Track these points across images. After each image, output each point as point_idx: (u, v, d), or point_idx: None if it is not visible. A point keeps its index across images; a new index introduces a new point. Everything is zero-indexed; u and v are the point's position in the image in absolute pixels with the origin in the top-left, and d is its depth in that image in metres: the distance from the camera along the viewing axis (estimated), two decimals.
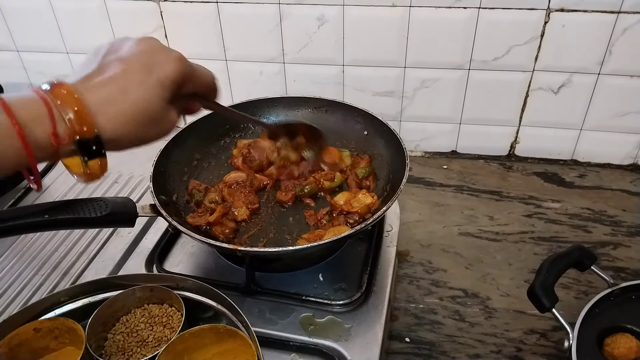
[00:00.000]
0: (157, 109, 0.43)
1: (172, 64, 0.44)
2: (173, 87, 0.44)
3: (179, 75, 0.44)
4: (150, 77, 0.42)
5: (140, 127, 0.43)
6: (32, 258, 0.75)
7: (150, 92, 0.42)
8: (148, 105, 0.42)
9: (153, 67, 0.43)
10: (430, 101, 1.02)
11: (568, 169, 1.03)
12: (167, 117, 0.45)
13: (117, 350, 0.57)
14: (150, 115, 0.43)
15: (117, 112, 0.41)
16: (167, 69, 0.44)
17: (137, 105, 0.42)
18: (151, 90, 0.42)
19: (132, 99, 0.41)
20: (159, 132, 0.45)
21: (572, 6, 0.86)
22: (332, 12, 0.94)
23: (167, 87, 0.44)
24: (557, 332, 0.71)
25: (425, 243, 0.87)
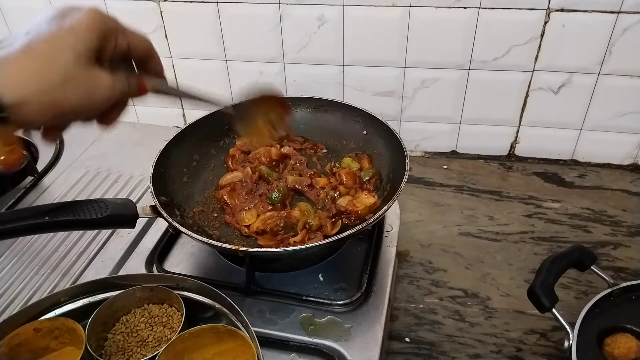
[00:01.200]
0: (70, 63, 0.37)
1: (86, 11, 0.39)
2: (89, 36, 0.38)
3: (95, 21, 0.39)
4: (59, 29, 0.37)
5: (50, 87, 0.36)
6: (32, 258, 0.75)
7: (58, 44, 0.37)
8: (56, 60, 0.36)
9: (64, 18, 0.38)
10: (430, 101, 1.02)
11: (568, 169, 1.03)
12: (92, 77, 0.39)
13: (117, 350, 0.57)
14: (60, 71, 0.36)
15: (17, 70, 0.35)
16: (80, 16, 0.38)
17: (40, 60, 0.36)
18: (59, 41, 0.37)
19: (36, 53, 0.36)
20: (80, 94, 0.38)
21: (572, 6, 0.86)
22: (332, 12, 0.94)
23: (82, 37, 0.38)
24: (557, 332, 0.71)
25: (425, 243, 0.87)
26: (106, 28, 0.40)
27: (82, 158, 0.98)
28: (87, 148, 1.01)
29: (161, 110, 1.14)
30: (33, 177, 0.92)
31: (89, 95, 0.39)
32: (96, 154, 0.99)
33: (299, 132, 0.86)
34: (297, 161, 0.80)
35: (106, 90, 0.40)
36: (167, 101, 0.58)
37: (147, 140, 1.02)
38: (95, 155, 0.99)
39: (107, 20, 0.40)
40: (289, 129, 0.74)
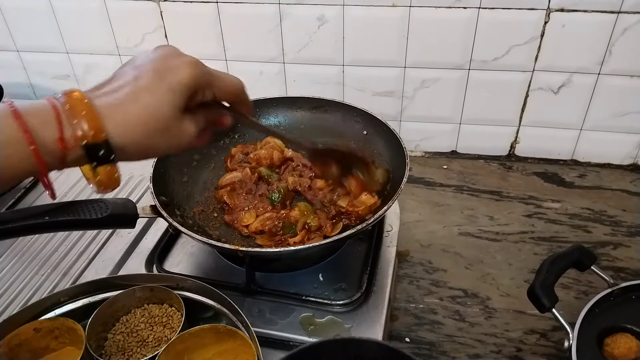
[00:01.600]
0: (168, 115, 0.42)
1: (184, 68, 0.43)
2: (185, 92, 0.43)
3: (191, 79, 0.43)
4: (161, 83, 0.41)
5: (150, 134, 0.41)
6: (32, 258, 0.76)
7: (160, 98, 0.41)
8: (157, 112, 0.41)
9: (165, 72, 0.42)
10: (430, 101, 1.02)
11: (568, 169, 1.03)
12: (180, 126, 0.43)
13: (117, 350, 0.57)
14: (159, 122, 0.41)
15: (125, 118, 0.40)
16: (179, 73, 0.42)
17: (146, 111, 0.40)
18: (161, 95, 0.41)
19: (141, 104, 0.40)
20: (171, 142, 0.44)
21: (572, 6, 0.87)
22: (332, 12, 0.94)
23: (178, 92, 0.42)
24: (557, 332, 0.71)
25: (425, 243, 0.87)
26: (199, 84, 0.44)
27: None
28: None
29: None
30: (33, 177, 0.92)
31: (177, 142, 0.44)
32: None
33: (299, 132, 0.86)
34: (300, 163, 0.80)
35: (191, 137, 0.45)
36: None
37: None
38: None
39: (200, 76, 0.44)
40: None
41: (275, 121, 0.87)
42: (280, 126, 0.87)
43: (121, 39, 1.06)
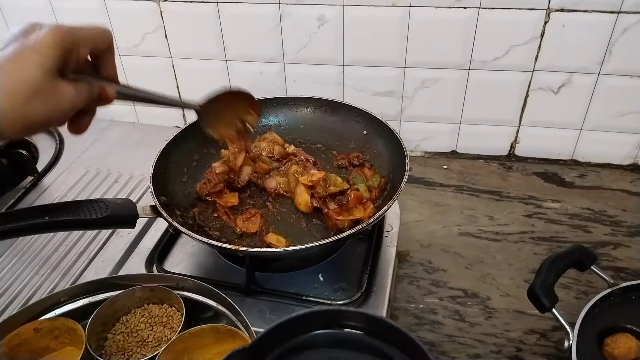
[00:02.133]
0: (36, 77, 0.40)
1: (46, 30, 0.41)
2: (52, 52, 0.41)
3: (55, 37, 0.41)
4: (24, 48, 0.40)
5: (20, 100, 0.39)
6: (32, 258, 0.75)
7: (25, 62, 0.40)
8: (25, 75, 0.39)
9: (27, 39, 0.41)
10: (430, 101, 1.02)
11: (568, 169, 1.03)
12: (55, 89, 0.41)
13: (117, 350, 0.57)
14: (28, 85, 0.39)
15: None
16: (41, 36, 0.41)
17: (11, 77, 0.39)
18: (26, 59, 0.40)
19: (6, 72, 0.39)
20: (48, 106, 0.41)
21: (572, 6, 0.86)
22: (332, 12, 0.94)
23: (44, 54, 0.40)
24: (557, 332, 0.71)
25: (425, 243, 0.87)
26: (68, 43, 0.42)
27: (82, 158, 0.98)
28: (87, 148, 1.01)
29: (161, 110, 1.14)
30: (33, 177, 0.92)
31: (54, 108, 0.42)
32: (96, 154, 0.99)
33: (299, 132, 0.86)
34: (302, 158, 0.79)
35: (70, 101, 0.43)
36: None
37: (147, 140, 1.02)
38: (95, 155, 0.99)
39: (69, 35, 0.42)
40: (253, 128, 0.73)
41: (275, 121, 0.87)
42: (280, 126, 0.87)
43: (121, 39, 1.06)
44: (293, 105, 0.86)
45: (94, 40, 0.46)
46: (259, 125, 0.86)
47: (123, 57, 1.08)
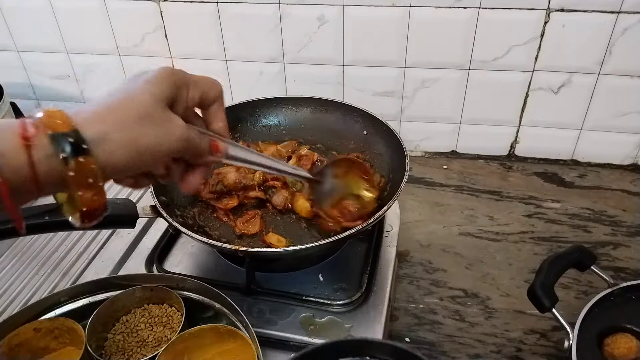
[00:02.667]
0: (149, 103, 0.39)
1: (158, 68, 0.43)
2: (164, 85, 0.41)
3: (166, 74, 0.42)
4: (136, 80, 0.41)
5: (131, 122, 0.38)
6: (32, 258, 0.75)
7: (136, 92, 0.40)
8: (136, 99, 0.39)
9: (139, 76, 0.42)
10: (430, 101, 1.02)
11: (568, 169, 1.03)
12: (168, 117, 0.41)
13: (117, 350, 0.57)
14: (141, 110, 0.39)
15: (97, 110, 0.37)
16: (153, 71, 0.42)
17: (121, 101, 0.38)
18: (137, 90, 0.40)
19: (117, 97, 0.39)
20: (159, 133, 0.40)
21: (572, 6, 0.86)
22: (332, 12, 0.94)
23: (156, 85, 0.41)
24: (557, 332, 0.71)
25: (425, 243, 0.87)
26: (177, 79, 0.43)
27: None
28: None
29: None
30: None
31: (165, 133, 0.40)
32: None
33: (299, 132, 0.86)
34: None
35: (182, 131, 0.41)
36: None
37: None
38: None
39: (180, 73, 0.43)
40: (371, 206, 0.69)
41: (275, 121, 0.87)
42: (280, 126, 0.87)
43: (121, 39, 1.06)
44: (293, 105, 0.86)
45: (203, 86, 0.46)
46: (259, 126, 0.86)
47: (123, 57, 1.08)
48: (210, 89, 0.47)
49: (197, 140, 0.44)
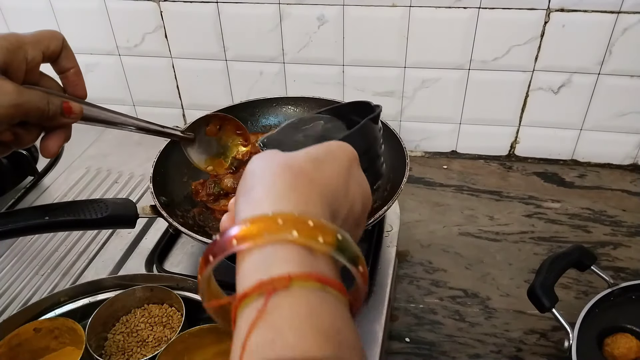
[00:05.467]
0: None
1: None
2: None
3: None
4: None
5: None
6: (32, 258, 0.75)
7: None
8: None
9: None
10: (430, 101, 1.02)
11: (568, 169, 1.03)
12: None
13: (117, 350, 0.57)
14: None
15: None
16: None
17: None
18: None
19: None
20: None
21: (572, 6, 0.86)
22: (332, 12, 0.94)
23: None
24: (557, 332, 0.71)
25: (425, 243, 0.87)
26: (8, 44, 0.41)
27: (82, 158, 0.98)
28: (87, 148, 1.01)
29: (161, 110, 1.14)
30: (33, 177, 0.92)
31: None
32: (96, 154, 0.99)
33: None
34: None
35: (11, 98, 0.40)
36: None
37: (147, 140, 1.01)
38: (95, 155, 0.99)
39: (8, 37, 0.41)
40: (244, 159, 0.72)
41: (275, 121, 0.87)
42: None
43: (121, 39, 1.06)
44: (293, 105, 0.86)
45: (42, 43, 0.45)
46: (259, 126, 0.86)
47: (123, 57, 1.08)
48: (50, 42, 0.46)
49: (39, 103, 0.43)
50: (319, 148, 0.33)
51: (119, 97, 1.13)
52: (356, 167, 0.35)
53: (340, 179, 0.32)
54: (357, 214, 0.33)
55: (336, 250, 0.26)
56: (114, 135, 1.05)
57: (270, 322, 0.23)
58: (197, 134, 0.67)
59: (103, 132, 1.05)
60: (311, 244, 0.25)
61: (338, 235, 0.27)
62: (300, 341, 0.23)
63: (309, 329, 0.23)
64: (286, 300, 0.24)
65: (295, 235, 0.25)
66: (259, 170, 0.30)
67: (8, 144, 0.46)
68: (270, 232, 0.26)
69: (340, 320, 0.25)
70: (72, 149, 1.00)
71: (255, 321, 0.24)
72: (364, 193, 0.34)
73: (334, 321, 0.24)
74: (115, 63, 1.09)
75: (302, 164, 0.30)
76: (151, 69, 1.08)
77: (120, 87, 1.12)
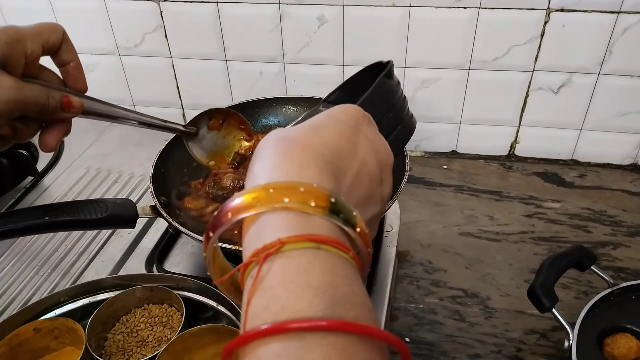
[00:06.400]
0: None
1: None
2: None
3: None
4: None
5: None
6: (32, 258, 0.75)
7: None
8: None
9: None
10: (430, 101, 1.01)
11: (568, 169, 1.03)
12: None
13: (117, 350, 0.57)
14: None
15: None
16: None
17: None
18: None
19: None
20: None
21: (572, 6, 0.86)
22: (332, 12, 0.94)
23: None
24: (557, 332, 0.71)
25: (425, 243, 0.87)
26: (7, 37, 0.41)
27: (82, 158, 0.98)
28: (87, 148, 1.01)
29: (160, 109, 1.14)
30: (33, 177, 0.92)
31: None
32: (96, 154, 0.99)
33: None
34: None
35: (10, 93, 0.40)
36: None
37: (147, 140, 1.02)
38: (95, 155, 0.99)
39: (7, 30, 0.41)
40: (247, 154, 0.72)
41: (275, 121, 0.87)
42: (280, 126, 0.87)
43: (121, 39, 1.06)
44: (293, 105, 0.86)
45: (42, 36, 0.44)
46: (259, 126, 0.86)
47: (123, 57, 1.08)
48: (50, 35, 0.45)
49: (39, 97, 0.43)
50: (320, 116, 0.34)
51: (118, 97, 1.13)
52: (365, 125, 0.35)
53: (344, 139, 0.32)
54: (371, 170, 0.33)
55: (329, 213, 0.26)
56: (114, 135, 1.05)
57: (264, 287, 0.24)
58: (200, 128, 0.67)
59: (103, 132, 1.05)
60: (303, 208, 0.26)
61: (331, 198, 0.27)
62: (293, 300, 0.23)
63: (301, 287, 0.23)
64: (277, 263, 0.24)
65: (286, 201, 0.26)
66: (260, 149, 0.30)
67: (7, 138, 0.46)
68: (262, 202, 0.26)
69: (337, 277, 0.24)
70: (72, 149, 1.00)
71: (252, 288, 0.24)
72: (378, 149, 0.34)
73: (330, 278, 0.24)
74: (115, 63, 1.09)
75: (298, 133, 0.31)
76: (151, 68, 1.08)
77: (120, 87, 1.12)
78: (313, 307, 0.22)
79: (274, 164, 0.28)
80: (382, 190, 0.35)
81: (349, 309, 0.23)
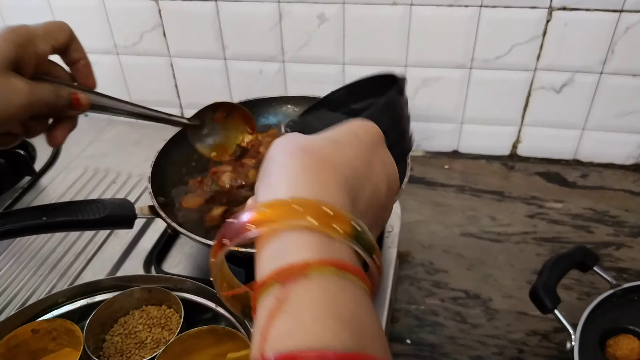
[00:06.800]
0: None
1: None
2: (2, 47, 0.41)
3: (5, 34, 0.41)
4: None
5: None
6: (29, 259, 0.75)
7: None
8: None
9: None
10: (431, 100, 1.01)
11: (570, 169, 1.03)
12: (6, 82, 0.41)
13: (115, 352, 0.57)
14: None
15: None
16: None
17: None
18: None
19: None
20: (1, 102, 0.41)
21: (574, 5, 0.86)
22: (332, 10, 0.93)
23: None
24: (559, 333, 0.71)
25: (427, 244, 0.87)
26: (19, 38, 0.41)
27: (80, 158, 0.98)
28: (85, 148, 1.00)
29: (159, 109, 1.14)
30: (30, 177, 0.91)
31: (4, 103, 0.41)
32: (94, 154, 0.99)
33: None
34: None
35: (23, 97, 0.41)
36: None
37: (146, 140, 1.02)
38: (93, 155, 0.98)
39: (18, 30, 0.42)
40: (249, 147, 0.74)
41: (275, 120, 0.86)
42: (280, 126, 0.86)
43: (119, 38, 1.05)
44: (293, 105, 0.86)
45: (51, 34, 0.45)
46: (259, 125, 0.85)
47: (121, 56, 1.08)
48: (59, 34, 0.46)
49: (49, 98, 0.44)
50: (340, 129, 0.33)
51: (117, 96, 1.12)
52: (381, 147, 0.34)
53: (363, 161, 0.31)
54: (382, 196, 0.32)
55: (353, 239, 0.26)
56: (112, 135, 1.04)
57: (289, 311, 0.23)
58: (204, 121, 0.68)
59: (101, 131, 1.05)
60: (328, 231, 0.25)
61: (354, 223, 0.26)
62: (320, 329, 0.22)
63: (328, 317, 0.22)
64: (305, 288, 0.23)
65: (311, 222, 0.25)
66: (277, 155, 0.29)
67: (17, 135, 0.47)
68: (287, 218, 0.25)
69: (360, 307, 0.24)
70: (70, 149, 0.99)
71: (275, 310, 0.23)
72: (389, 174, 0.34)
73: (355, 308, 0.24)
74: (114, 62, 1.09)
75: (321, 147, 0.29)
76: (150, 67, 1.08)
77: (119, 86, 1.12)
78: (341, 339, 0.22)
79: (295, 177, 0.27)
80: (383, 215, 0.34)
81: (370, 342, 0.23)
